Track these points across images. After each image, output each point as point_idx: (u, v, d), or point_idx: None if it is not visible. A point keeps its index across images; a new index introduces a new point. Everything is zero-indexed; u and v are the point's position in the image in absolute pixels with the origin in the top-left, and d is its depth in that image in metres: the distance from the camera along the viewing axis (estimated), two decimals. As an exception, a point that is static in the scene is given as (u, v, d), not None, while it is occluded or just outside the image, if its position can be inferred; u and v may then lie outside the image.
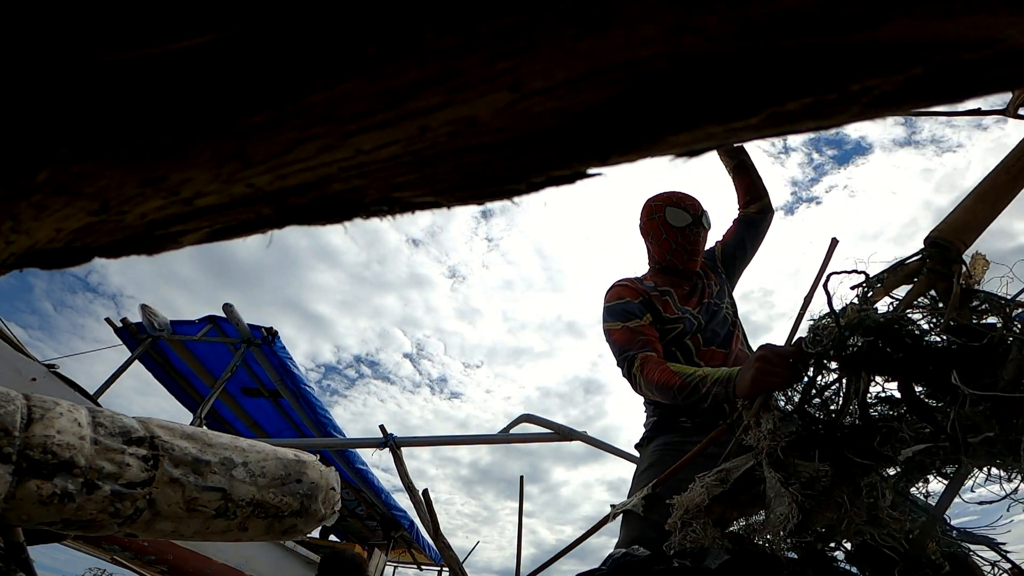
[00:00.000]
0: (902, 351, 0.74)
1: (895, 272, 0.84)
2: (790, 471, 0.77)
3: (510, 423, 2.59)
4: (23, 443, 0.59)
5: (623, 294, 1.61)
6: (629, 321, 1.53)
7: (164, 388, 4.90)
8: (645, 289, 1.62)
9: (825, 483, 0.74)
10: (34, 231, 0.27)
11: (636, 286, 1.64)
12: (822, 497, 0.74)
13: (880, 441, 0.73)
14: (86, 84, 0.19)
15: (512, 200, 0.27)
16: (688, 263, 1.65)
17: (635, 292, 1.61)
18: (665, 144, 0.24)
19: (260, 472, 0.78)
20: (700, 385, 1.19)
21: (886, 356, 0.75)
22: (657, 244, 1.68)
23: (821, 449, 0.77)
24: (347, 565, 2.27)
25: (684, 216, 1.62)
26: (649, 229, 1.70)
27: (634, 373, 1.41)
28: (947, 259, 0.79)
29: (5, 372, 1.98)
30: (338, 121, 0.22)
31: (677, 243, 1.63)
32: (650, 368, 1.36)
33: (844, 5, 0.18)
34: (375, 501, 5.86)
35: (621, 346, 1.49)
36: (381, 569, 6.00)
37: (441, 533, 1.48)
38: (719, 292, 1.71)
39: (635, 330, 1.51)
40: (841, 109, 0.22)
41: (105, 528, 0.65)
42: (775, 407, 0.89)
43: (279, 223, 0.29)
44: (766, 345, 0.99)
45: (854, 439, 0.76)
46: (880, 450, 0.73)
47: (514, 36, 0.19)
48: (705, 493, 0.84)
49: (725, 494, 0.84)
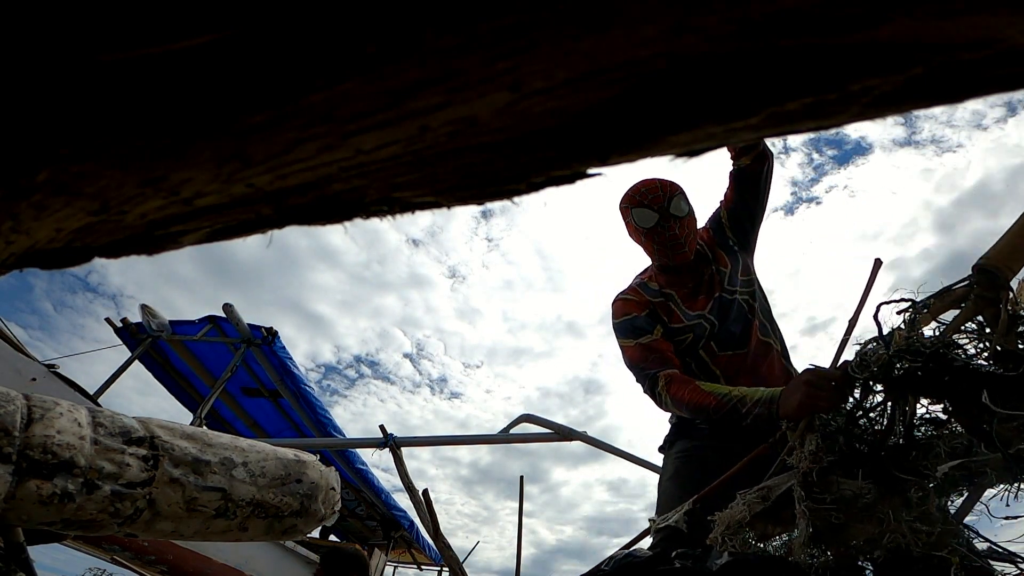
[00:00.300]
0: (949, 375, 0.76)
1: (942, 298, 0.86)
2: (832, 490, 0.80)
3: (510, 423, 2.59)
4: (23, 443, 0.59)
5: (628, 309, 1.54)
6: (641, 337, 1.48)
7: (164, 388, 4.90)
8: (648, 299, 1.55)
9: (868, 499, 0.77)
10: (34, 231, 0.27)
11: (640, 297, 1.56)
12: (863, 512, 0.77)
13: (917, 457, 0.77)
14: (86, 84, 0.19)
15: (512, 200, 0.27)
16: (677, 258, 1.51)
17: (639, 305, 1.54)
18: (665, 144, 0.24)
19: (260, 472, 0.78)
20: (739, 406, 1.17)
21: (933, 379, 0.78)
22: (642, 247, 1.57)
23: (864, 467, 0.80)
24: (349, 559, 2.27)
25: (649, 215, 1.47)
26: (631, 234, 1.59)
27: (659, 393, 1.37)
28: (995, 285, 0.81)
29: (5, 372, 1.98)
30: (338, 121, 0.22)
31: (656, 243, 1.50)
32: (677, 388, 1.33)
33: (844, 5, 0.18)
34: (375, 501, 5.86)
35: (638, 364, 1.44)
36: (381, 569, 6.00)
37: (441, 533, 1.48)
38: (731, 275, 1.56)
39: (648, 346, 1.45)
40: (841, 109, 0.22)
41: (105, 528, 0.65)
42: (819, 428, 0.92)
43: (279, 223, 0.29)
44: (813, 369, 1.00)
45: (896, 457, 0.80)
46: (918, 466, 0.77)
47: (514, 36, 0.19)
48: (747, 510, 0.86)
49: (767, 511, 0.87)
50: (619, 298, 1.60)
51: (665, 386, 1.35)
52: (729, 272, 1.56)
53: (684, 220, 1.48)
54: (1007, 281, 0.82)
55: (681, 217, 1.47)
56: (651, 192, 1.47)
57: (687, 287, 1.56)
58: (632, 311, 1.53)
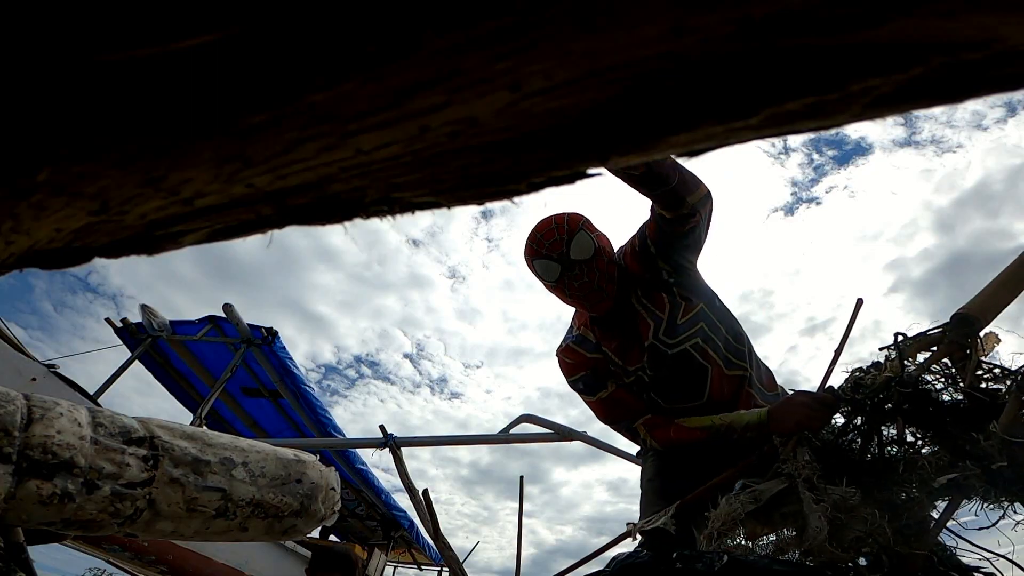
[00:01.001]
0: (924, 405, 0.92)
1: (919, 340, 1.02)
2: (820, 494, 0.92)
3: (510, 423, 2.59)
4: (23, 443, 0.59)
5: (573, 370, 1.40)
6: (597, 393, 1.38)
7: (164, 388, 4.90)
8: (588, 356, 1.39)
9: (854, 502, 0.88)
10: (34, 231, 0.27)
11: (579, 357, 1.40)
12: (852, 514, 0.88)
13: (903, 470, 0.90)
14: (86, 84, 0.19)
15: (512, 200, 0.27)
16: (597, 308, 1.31)
17: (581, 365, 1.40)
18: (665, 144, 0.23)
19: (260, 472, 0.78)
20: (729, 432, 1.20)
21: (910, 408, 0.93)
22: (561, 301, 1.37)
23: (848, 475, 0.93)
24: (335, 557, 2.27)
25: (551, 268, 1.26)
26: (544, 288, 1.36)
27: (644, 440, 1.35)
28: (967, 333, 0.96)
29: (5, 372, 1.98)
30: (338, 121, 0.22)
31: (569, 296, 1.31)
32: (661, 432, 1.30)
33: (844, 5, 0.18)
34: (375, 501, 5.86)
35: (606, 419, 1.40)
36: (381, 569, 6.00)
37: (441, 533, 1.48)
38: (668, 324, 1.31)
39: (607, 400, 1.37)
40: (842, 109, 0.22)
41: (105, 528, 0.65)
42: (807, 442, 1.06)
43: (279, 223, 0.29)
44: (805, 392, 1.09)
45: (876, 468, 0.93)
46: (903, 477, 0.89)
47: (514, 36, 0.19)
48: (741, 508, 0.96)
49: (757, 511, 0.96)
50: (561, 352, 1.45)
51: (648, 433, 1.33)
52: (667, 320, 1.31)
53: (592, 263, 1.26)
54: (979, 330, 0.96)
55: (587, 260, 1.25)
56: (547, 238, 1.25)
57: (614, 341, 1.36)
58: (576, 372, 1.40)
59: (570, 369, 1.41)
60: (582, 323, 1.42)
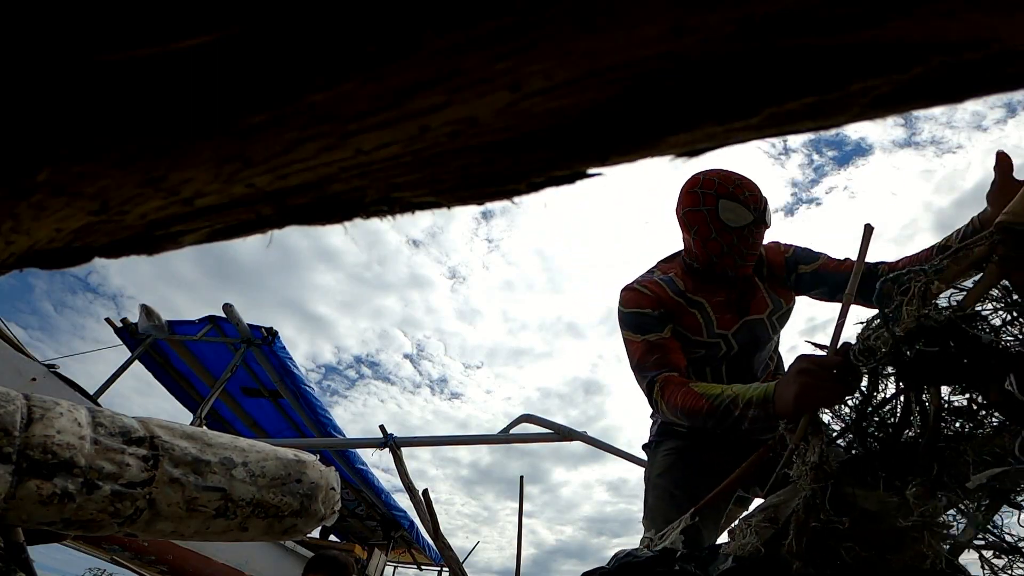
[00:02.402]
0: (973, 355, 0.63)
1: (958, 260, 0.70)
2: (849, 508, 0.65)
3: (510, 423, 2.59)
4: (23, 443, 0.59)
5: (640, 302, 1.35)
6: (648, 334, 1.31)
7: (164, 388, 4.90)
8: (669, 297, 1.35)
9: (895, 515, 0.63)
10: (34, 231, 0.27)
11: (658, 292, 1.36)
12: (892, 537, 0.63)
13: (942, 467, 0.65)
14: (86, 84, 0.19)
15: (512, 200, 0.27)
16: (741, 269, 1.32)
17: (653, 300, 1.34)
18: (665, 144, 0.23)
19: (260, 472, 0.78)
20: (732, 407, 1.02)
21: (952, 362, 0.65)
22: (702, 243, 1.31)
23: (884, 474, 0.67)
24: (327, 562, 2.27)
25: (744, 214, 1.25)
26: (693, 221, 1.31)
27: (655, 399, 1.25)
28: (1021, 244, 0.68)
29: (5, 372, 1.98)
30: (338, 121, 0.22)
31: (731, 246, 1.28)
32: (671, 392, 1.19)
33: (844, 5, 0.18)
34: (375, 501, 5.86)
35: (640, 363, 1.29)
36: (381, 569, 6.00)
37: (441, 533, 1.48)
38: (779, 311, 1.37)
39: (654, 344, 1.29)
40: (842, 109, 0.22)
41: (105, 528, 0.65)
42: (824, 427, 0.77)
43: (279, 223, 0.29)
44: (805, 356, 0.85)
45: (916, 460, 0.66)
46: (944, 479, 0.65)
47: (514, 36, 0.19)
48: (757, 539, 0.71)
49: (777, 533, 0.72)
50: (631, 287, 1.41)
51: (660, 390, 1.23)
52: (783, 310, 1.39)
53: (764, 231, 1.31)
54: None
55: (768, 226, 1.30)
56: (749, 189, 1.27)
57: (721, 296, 1.35)
58: (644, 305, 1.34)
59: (638, 300, 1.35)
60: (674, 271, 1.43)
